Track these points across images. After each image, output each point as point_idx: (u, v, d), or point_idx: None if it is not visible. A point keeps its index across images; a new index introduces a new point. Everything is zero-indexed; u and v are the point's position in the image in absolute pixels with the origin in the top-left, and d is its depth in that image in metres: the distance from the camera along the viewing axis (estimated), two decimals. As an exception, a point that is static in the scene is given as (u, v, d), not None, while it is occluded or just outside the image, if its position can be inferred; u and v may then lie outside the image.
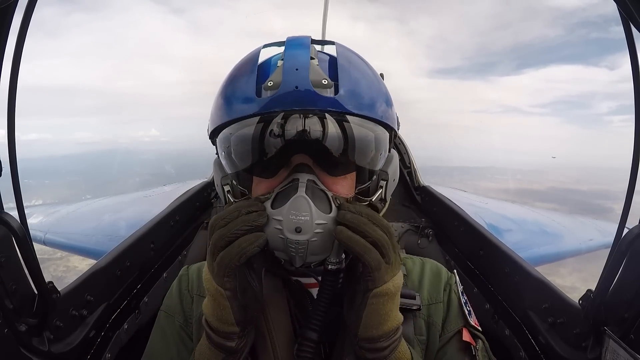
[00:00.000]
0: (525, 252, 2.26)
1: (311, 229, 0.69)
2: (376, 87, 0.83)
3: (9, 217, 0.63)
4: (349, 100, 0.75)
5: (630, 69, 0.73)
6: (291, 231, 0.69)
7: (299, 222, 0.69)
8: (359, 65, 0.84)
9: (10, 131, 0.67)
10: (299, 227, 0.69)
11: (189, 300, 0.94)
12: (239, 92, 0.79)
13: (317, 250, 0.72)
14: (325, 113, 0.73)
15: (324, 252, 0.73)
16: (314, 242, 0.70)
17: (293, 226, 0.69)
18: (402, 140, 2.34)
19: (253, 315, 0.76)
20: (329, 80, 0.75)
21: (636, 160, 0.77)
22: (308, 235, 0.69)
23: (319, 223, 0.70)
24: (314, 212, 0.70)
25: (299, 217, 0.69)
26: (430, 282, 0.97)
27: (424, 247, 1.96)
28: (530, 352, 1.11)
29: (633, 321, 0.78)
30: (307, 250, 0.71)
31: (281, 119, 0.73)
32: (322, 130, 0.73)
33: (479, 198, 4.37)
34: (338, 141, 0.75)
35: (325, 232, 0.71)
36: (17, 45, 0.63)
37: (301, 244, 0.70)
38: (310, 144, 0.74)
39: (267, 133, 0.73)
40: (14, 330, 0.66)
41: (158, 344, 0.92)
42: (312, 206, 0.70)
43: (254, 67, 0.79)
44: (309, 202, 0.70)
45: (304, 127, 0.72)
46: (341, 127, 0.75)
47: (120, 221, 3.31)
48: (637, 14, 0.60)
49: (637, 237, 0.78)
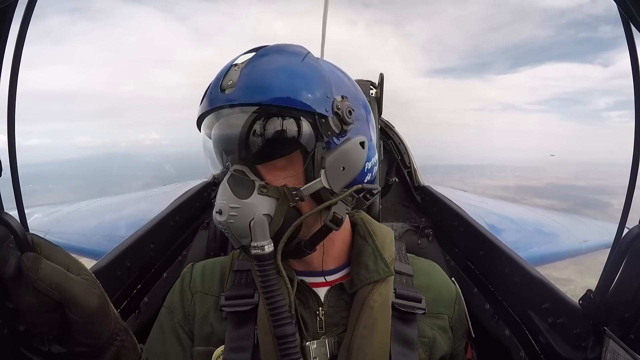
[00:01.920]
0: (524, 252, 2.27)
1: (226, 212, 0.78)
2: (288, 78, 0.81)
3: (9, 217, 0.63)
4: (244, 94, 0.80)
5: (630, 69, 0.73)
6: (216, 212, 0.80)
7: (219, 205, 0.80)
8: (271, 61, 0.84)
9: (10, 131, 0.67)
10: (220, 210, 0.79)
11: (189, 298, 0.94)
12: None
13: (237, 232, 0.79)
14: (220, 110, 0.82)
15: (243, 234, 0.79)
16: (231, 224, 0.78)
17: (218, 208, 0.80)
18: (401, 139, 2.34)
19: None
20: (233, 81, 0.81)
21: (636, 159, 0.77)
22: (224, 217, 0.78)
23: (232, 206, 0.78)
24: (228, 197, 0.79)
25: (221, 201, 0.80)
26: (439, 292, 0.98)
27: (424, 247, 1.96)
28: (530, 352, 1.11)
29: (633, 321, 0.78)
30: (231, 232, 0.79)
31: (201, 122, 0.89)
32: (225, 126, 0.84)
33: (479, 198, 4.37)
34: (239, 133, 0.81)
35: (239, 216, 0.78)
36: (17, 46, 0.63)
37: (222, 224, 0.79)
38: (223, 139, 0.86)
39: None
40: (13, 330, 0.66)
41: (155, 338, 0.93)
42: (228, 191, 0.79)
43: (218, 74, 0.86)
44: (227, 187, 0.80)
45: (213, 127, 0.86)
46: (239, 120, 0.82)
47: (120, 221, 3.31)
48: (637, 13, 0.60)
49: (637, 237, 0.78)
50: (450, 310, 0.97)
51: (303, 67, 0.83)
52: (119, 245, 1.34)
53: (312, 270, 0.92)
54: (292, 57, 0.85)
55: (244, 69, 0.82)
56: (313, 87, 0.81)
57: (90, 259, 2.59)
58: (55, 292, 0.62)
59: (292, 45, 0.89)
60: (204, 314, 0.91)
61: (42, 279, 0.61)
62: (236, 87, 0.80)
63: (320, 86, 0.82)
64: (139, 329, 1.33)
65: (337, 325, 0.88)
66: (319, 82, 0.82)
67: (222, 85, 0.82)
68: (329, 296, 0.90)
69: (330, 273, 0.92)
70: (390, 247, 0.96)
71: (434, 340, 0.91)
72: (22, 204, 0.70)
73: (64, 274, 0.64)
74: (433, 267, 1.05)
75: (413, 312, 0.89)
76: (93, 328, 0.67)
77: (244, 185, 0.80)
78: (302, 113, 0.79)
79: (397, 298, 0.89)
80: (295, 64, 0.84)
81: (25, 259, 0.61)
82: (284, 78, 0.80)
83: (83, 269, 0.70)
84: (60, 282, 0.62)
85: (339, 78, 0.87)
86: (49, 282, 0.61)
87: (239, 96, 0.80)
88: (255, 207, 0.78)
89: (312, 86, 0.81)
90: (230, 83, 0.81)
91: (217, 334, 0.88)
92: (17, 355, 0.67)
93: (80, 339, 0.67)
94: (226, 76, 0.82)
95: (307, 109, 0.79)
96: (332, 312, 0.89)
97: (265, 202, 0.79)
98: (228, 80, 0.82)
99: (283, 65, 0.83)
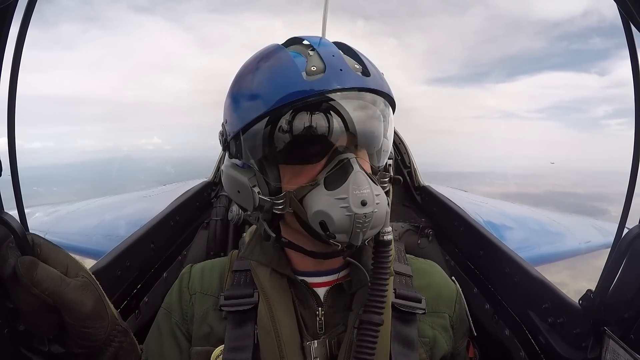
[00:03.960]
0: (524, 252, 2.26)
1: (373, 201, 0.73)
2: (380, 72, 0.86)
3: (9, 217, 0.63)
4: (377, 82, 0.79)
5: (631, 69, 0.73)
6: (358, 206, 0.72)
7: (363, 196, 0.72)
8: (363, 56, 0.86)
9: (10, 131, 0.67)
10: (364, 200, 0.72)
11: (188, 298, 0.94)
12: (281, 78, 0.76)
13: (378, 222, 0.75)
14: (375, 94, 0.79)
15: (382, 223, 0.77)
16: (376, 214, 0.74)
17: (359, 200, 0.72)
18: (401, 140, 2.34)
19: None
20: (359, 65, 0.80)
21: (636, 160, 0.77)
22: (372, 207, 0.73)
23: (377, 194, 0.75)
24: (372, 185, 0.74)
25: (362, 191, 0.73)
26: (439, 291, 0.98)
27: (424, 247, 1.96)
28: (530, 352, 1.11)
29: (633, 321, 0.78)
30: (370, 224, 0.74)
31: (330, 99, 0.75)
32: (372, 112, 0.80)
33: (479, 198, 4.37)
34: (377, 121, 0.81)
35: (382, 203, 0.75)
36: (17, 46, 0.63)
37: (368, 216, 0.72)
38: (369, 125, 0.80)
39: (322, 113, 0.75)
40: (14, 330, 0.66)
41: (152, 339, 0.93)
42: (368, 180, 0.75)
43: (287, 56, 0.79)
44: (366, 176, 0.75)
45: (349, 108, 0.76)
46: (383, 109, 0.81)
47: (120, 221, 3.31)
48: (637, 14, 0.60)
49: (637, 237, 0.78)
50: (451, 309, 0.97)
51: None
52: (119, 245, 1.34)
53: (316, 270, 0.92)
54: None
55: (362, 58, 0.82)
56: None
57: (90, 259, 2.59)
58: (48, 298, 0.63)
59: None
60: (203, 314, 0.91)
61: (37, 285, 0.62)
62: (372, 75, 0.79)
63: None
64: (139, 328, 1.33)
65: (337, 325, 0.88)
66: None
67: (348, 65, 0.77)
68: (329, 296, 0.90)
69: (331, 273, 0.92)
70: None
71: (434, 340, 0.91)
72: (22, 204, 0.70)
73: (58, 279, 0.64)
74: (433, 266, 1.05)
75: (413, 312, 0.89)
76: (87, 331, 0.67)
77: (367, 173, 0.78)
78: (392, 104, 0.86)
79: (396, 298, 0.89)
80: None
81: (21, 264, 0.61)
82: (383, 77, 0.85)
83: (82, 269, 0.70)
84: (54, 289, 0.63)
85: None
86: (42, 288, 0.62)
87: (381, 85, 0.80)
88: (384, 195, 0.78)
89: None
90: (357, 67, 0.80)
91: (216, 334, 0.88)
92: (17, 355, 0.67)
93: (76, 340, 0.68)
94: (335, 59, 0.77)
95: (393, 101, 0.85)
96: (331, 312, 0.89)
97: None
98: (354, 64, 0.80)
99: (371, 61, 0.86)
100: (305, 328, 0.87)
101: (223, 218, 1.94)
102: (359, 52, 0.85)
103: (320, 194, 0.75)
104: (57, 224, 3.61)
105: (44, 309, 0.64)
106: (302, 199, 0.78)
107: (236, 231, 1.94)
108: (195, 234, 1.96)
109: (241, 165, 0.86)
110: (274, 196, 0.81)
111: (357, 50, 0.85)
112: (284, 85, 0.75)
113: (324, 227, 0.74)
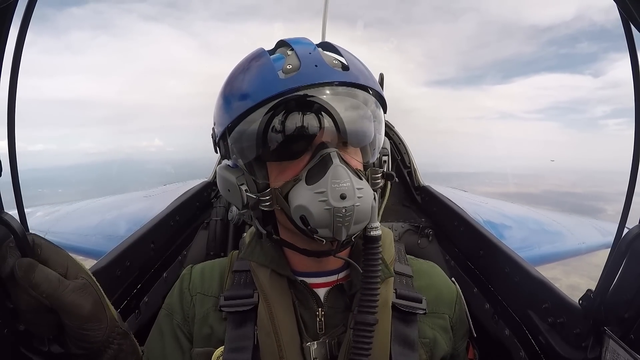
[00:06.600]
0: (524, 252, 2.26)
1: (354, 194, 0.72)
2: (366, 68, 0.86)
3: (9, 217, 0.63)
4: (356, 76, 0.79)
5: (631, 69, 0.73)
6: (336, 199, 0.71)
7: (342, 189, 0.71)
8: (346, 53, 0.87)
9: (10, 131, 0.67)
10: (344, 194, 0.71)
11: (189, 299, 0.94)
12: (258, 79, 0.79)
13: (361, 217, 0.74)
14: (348, 87, 0.78)
15: (366, 217, 0.76)
16: (358, 208, 0.72)
17: (337, 194, 0.71)
18: (401, 139, 2.34)
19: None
20: (337, 61, 0.80)
21: (636, 160, 0.77)
22: (353, 201, 0.72)
23: (360, 187, 0.73)
24: (353, 178, 0.73)
25: (341, 184, 0.72)
26: (440, 292, 0.98)
27: (424, 247, 1.96)
28: (530, 352, 1.11)
29: (633, 321, 0.78)
30: (352, 218, 0.72)
31: (306, 95, 0.75)
32: (349, 104, 0.79)
33: (479, 198, 4.37)
34: (357, 114, 0.79)
35: (365, 197, 0.74)
36: (17, 46, 0.63)
37: (348, 210, 0.71)
38: (351, 119, 0.79)
39: (298, 109, 0.76)
40: (13, 330, 0.66)
41: (154, 340, 0.93)
42: (348, 173, 0.73)
43: (266, 58, 0.81)
44: (346, 169, 0.74)
45: (326, 102, 0.76)
46: (364, 101, 0.81)
47: (120, 220, 3.31)
48: (637, 14, 0.60)
49: (637, 237, 0.78)
50: (451, 310, 0.97)
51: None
52: (119, 245, 1.34)
53: (316, 271, 0.92)
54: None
55: (343, 53, 0.83)
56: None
57: (90, 259, 2.59)
58: (46, 300, 0.63)
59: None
60: (204, 315, 0.91)
61: (34, 287, 0.62)
62: (351, 68, 0.80)
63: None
64: (139, 329, 1.33)
65: (337, 326, 0.88)
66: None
67: (326, 62, 0.78)
68: (329, 297, 0.90)
69: (331, 274, 0.92)
70: (390, 249, 0.96)
71: (434, 340, 0.91)
72: (22, 204, 0.70)
73: (56, 281, 0.64)
74: (433, 267, 1.05)
75: (414, 313, 0.89)
76: (85, 333, 0.67)
77: (349, 168, 0.76)
78: (384, 107, 0.87)
79: (397, 298, 0.89)
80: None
81: (19, 267, 0.61)
82: (370, 73, 0.85)
83: (82, 270, 0.70)
84: (51, 291, 0.63)
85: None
86: (40, 290, 0.62)
87: (359, 78, 0.80)
88: (369, 189, 0.77)
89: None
90: (335, 62, 0.80)
91: (217, 335, 0.88)
92: (17, 355, 0.67)
93: (75, 341, 0.68)
94: (311, 56, 0.78)
95: (380, 96, 0.85)
96: (331, 313, 0.89)
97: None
98: (332, 60, 0.80)
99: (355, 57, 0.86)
100: (305, 329, 0.87)
101: (223, 218, 1.94)
102: (342, 49, 0.86)
103: (301, 188, 0.75)
104: (57, 224, 3.61)
105: (42, 310, 0.64)
106: (286, 195, 0.79)
107: (236, 231, 1.94)
108: (195, 234, 1.96)
109: (232, 166, 0.89)
110: (260, 193, 0.82)
111: (341, 48, 0.86)
112: (261, 85, 0.77)
113: (305, 221, 0.75)
